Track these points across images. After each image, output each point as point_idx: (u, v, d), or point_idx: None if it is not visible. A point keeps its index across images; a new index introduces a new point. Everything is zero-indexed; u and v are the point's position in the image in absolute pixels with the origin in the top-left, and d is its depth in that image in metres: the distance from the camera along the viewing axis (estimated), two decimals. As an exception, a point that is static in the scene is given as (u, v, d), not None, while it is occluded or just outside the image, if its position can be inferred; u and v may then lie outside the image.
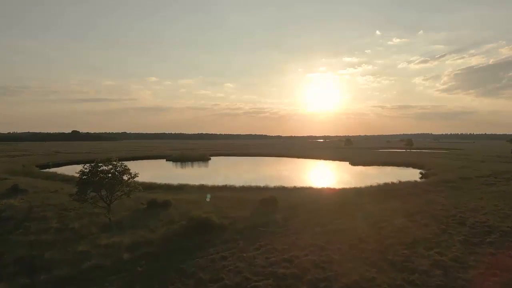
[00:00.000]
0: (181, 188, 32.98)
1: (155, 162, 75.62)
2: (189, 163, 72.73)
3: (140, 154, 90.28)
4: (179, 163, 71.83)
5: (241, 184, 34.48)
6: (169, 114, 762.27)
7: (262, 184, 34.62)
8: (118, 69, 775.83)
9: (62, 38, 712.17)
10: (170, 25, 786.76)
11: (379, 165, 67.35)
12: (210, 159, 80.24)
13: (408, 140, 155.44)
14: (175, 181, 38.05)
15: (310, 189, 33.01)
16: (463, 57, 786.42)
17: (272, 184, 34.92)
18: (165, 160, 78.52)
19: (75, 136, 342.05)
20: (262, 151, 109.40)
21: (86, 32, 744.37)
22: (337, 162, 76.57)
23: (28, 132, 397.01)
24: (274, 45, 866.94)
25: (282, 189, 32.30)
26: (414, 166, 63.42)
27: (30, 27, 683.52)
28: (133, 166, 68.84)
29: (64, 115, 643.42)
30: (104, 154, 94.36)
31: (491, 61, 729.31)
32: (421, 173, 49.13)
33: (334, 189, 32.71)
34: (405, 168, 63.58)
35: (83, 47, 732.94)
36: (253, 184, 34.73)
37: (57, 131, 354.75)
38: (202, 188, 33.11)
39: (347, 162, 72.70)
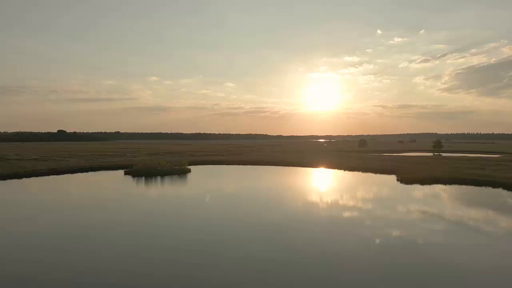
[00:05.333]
0: None
1: (108, 177, 51.90)
2: (157, 178, 48.99)
3: (98, 163, 66.52)
4: (141, 179, 48.14)
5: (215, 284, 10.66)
6: (169, 114, 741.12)
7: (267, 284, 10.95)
8: (118, 69, 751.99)
9: (62, 38, 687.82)
10: (170, 25, 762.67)
11: (439, 183, 43.60)
12: (189, 171, 56.11)
13: (436, 142, 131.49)
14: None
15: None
16: (464, 56, 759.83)
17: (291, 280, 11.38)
18: (124, 173, 54.21)
19: (62, 136, 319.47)
20: (263, 157, 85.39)
21: (86, 32, 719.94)
22: (372, 176, 52.85)
23: (19, 132, 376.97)
24: (274, 45, 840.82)
25: None
26: (503, 185, 40.09)
27: (30, 27, 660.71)
28: (63, 183, 44.78)
29: (64, 115, 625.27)
30: (59, 160, 70.67)
31: (492, 61, 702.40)
32: None
33: None
34: (491, 188, 40.08)
35: (83, 47, 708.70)
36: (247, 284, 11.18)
37: (53, 131, 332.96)
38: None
39: (393, 177, 48.90)
